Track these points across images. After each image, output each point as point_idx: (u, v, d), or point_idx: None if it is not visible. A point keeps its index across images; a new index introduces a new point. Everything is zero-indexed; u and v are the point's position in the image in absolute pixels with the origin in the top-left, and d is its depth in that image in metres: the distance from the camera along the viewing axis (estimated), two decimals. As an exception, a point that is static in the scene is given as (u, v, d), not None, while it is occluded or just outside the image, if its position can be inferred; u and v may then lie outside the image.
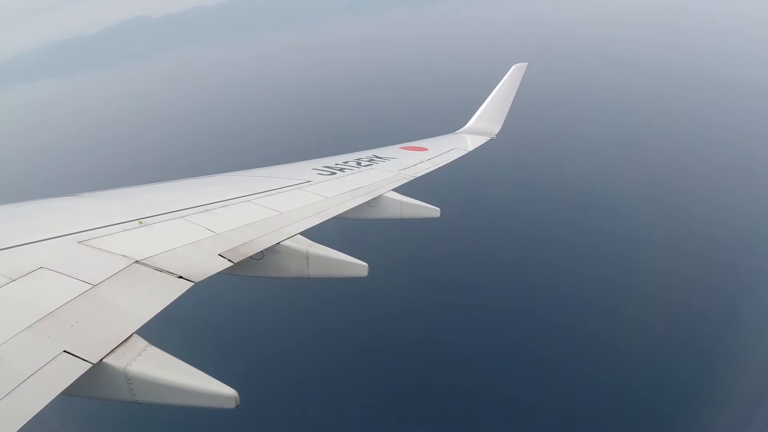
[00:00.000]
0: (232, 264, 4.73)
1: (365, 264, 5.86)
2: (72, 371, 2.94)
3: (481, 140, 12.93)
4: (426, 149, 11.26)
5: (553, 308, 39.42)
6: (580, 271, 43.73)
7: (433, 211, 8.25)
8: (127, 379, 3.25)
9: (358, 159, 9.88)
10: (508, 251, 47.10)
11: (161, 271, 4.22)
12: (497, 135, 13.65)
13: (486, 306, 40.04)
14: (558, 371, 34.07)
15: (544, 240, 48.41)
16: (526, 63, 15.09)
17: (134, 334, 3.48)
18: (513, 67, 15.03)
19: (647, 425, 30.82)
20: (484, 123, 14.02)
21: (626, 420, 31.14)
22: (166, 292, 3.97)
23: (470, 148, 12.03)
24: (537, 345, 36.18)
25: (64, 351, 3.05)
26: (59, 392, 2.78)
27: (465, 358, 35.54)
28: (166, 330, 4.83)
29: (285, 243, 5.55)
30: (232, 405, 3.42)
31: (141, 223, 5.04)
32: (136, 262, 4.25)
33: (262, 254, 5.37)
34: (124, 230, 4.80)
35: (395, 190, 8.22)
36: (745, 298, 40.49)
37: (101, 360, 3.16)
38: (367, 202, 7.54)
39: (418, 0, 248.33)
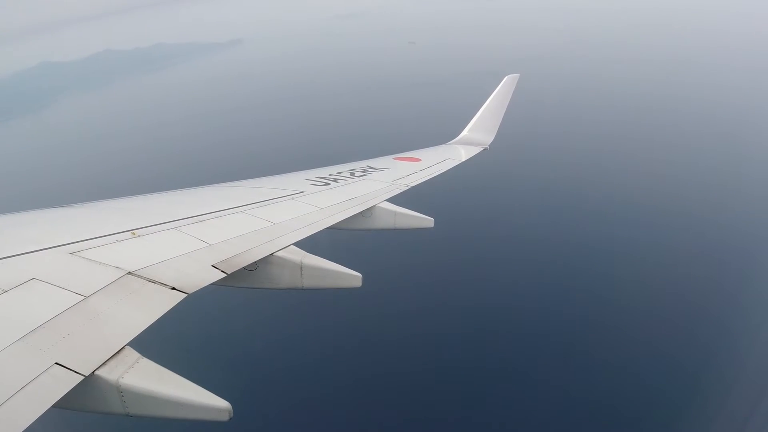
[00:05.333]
0: (225, 275, 4.71)
1: (359, 275, 5.84)
2: (64, 383, 2.91)
3: (474, 151, 12.97)
4: (419, 160, 11.28)
5: (549, 316, 39.45)
6: (575, 279, 43.81)
7: (426, 221, 8.22)
8: (120, 391, 3.22)
9: (352, 170, 9.89)
10: (501, 261, 47.17)
11: (154, 282, 4.20)
12: (490, 145, 13.72)
13: (480, 315, 40.00)
14: (555, 376, 34.04)
15: (538, 249, 48.53)
16: (518, 74, 15.20)
17: (126, 346, 3.46)
18: (505, 78, 15.13)
19: (647, 424, 30.94)
20: (477, 133, 14.08)
21: (626, 420, 31.23)
22: (159, 304, 3.95)
23: (463, 159, 12.06)
24: (533, 353, 36.15)
25: (56, 363, 3.03)
26: (51, 405, 2.76)
27: (461, 367, 35.44)
28: (158, 342, 4.79)
29: (278, 254, 5.53)
30: (225, 418, 3.39)
31: (133, 234, 5.02)
32: (129, 273, 4.23)
33: (256, 265, 5.34)
34: (117, 241, 4.78)
35: (389, 200, 8.20)
36: (744, 297, 40.86)
37: (93, 372, 3.14)
38: (361, 213, 7.52)
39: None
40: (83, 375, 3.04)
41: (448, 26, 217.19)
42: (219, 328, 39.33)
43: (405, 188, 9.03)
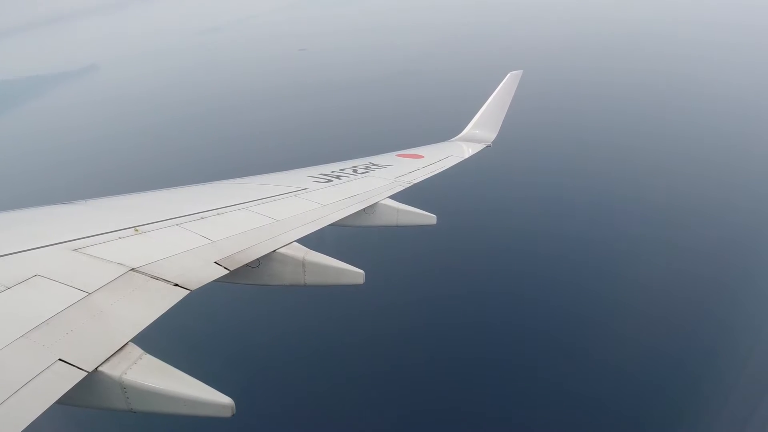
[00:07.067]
0: (228, 272, 4.73)
1: (362, 271, 5.85)
2: (67, 380, 2.92)
3: (477, 147, 12.99)
4: (422, 156, 11.28)
5: (550, 314, 39.40)
6: (578, 276, 43.75)
7: (429, 218, 8.24)
8: (123, 387, 3.23)
9: (355, 166, 9.88)
10: (504, 258, 47.10)
11: (157, 278, 4.21)
12: (493, 142, 13.72)
13: (482, 313, 39.99)
14: (555, 373, 34.02)
15: (540, 247, 48.43)
16: (521, 71, 15.17)
17: (130, 343, 3.47)
18: (508, 75, 15.09)
19: (648, 424, 30.94)
20: (480, 130, 14.08)
21: (626, 420, 31.19)
22: (162, 300, 3.96)
23: (466, 156, 12.07)
24: (534, 351, 36.15)
25: (60, 359, 3.04)
26: (54, 401, 2.77)
27: (462, 364, 35.48)
28: (161, 338, 4.80)
29: (281, 250, 5.54)
30: (228, 414, 3.40)
31: (137, 230, 5.03)
32: (132, 269, 4.24)
33: (258, 262, 5.35)
34: (120, 238, 4.79)
35: (391, 197, 8.22)
36: (746, 296, 40.76)
37: (96, 368, 3.15)
38: (364, 210, 7.54)
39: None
40: (86, 371, 3.05)
41: (325, 33, 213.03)
42: (221, 324, 39.42)
43: (407, 185, 9.03)
